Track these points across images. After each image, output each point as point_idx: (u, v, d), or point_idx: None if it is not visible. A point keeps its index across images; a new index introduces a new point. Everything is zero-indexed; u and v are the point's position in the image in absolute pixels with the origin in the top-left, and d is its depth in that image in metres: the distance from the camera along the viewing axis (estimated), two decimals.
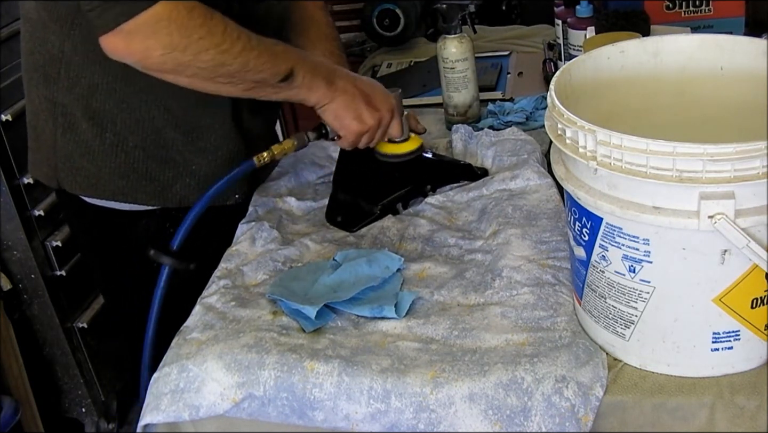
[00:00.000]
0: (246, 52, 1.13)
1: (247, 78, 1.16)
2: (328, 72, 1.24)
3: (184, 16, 1.08)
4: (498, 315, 1.04)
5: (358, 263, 1.15)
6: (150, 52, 1.09)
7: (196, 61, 1.11)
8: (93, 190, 1.31)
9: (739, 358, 0.91)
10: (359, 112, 1.25)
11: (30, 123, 1.35)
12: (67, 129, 1.27)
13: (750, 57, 0.99)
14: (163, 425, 1.02)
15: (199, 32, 1.09)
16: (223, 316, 1.10)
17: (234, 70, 1.14)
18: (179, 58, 1.10)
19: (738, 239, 0.81)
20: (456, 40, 1.51)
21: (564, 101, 0.89)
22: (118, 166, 1.28)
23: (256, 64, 1.15)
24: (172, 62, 1.11)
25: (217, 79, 1.15)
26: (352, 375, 0.97)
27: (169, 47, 1.08)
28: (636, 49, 1.04)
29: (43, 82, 1.26)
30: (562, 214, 1.19)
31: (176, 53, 1.09)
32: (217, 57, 1.11)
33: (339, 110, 1.24)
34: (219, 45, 1.11)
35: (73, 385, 2.14)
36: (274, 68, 1.17)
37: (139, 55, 1.10)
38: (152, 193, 1.31)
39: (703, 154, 0.78)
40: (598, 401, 0.92)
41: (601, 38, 1.37)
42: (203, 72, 1.13)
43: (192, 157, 1.30)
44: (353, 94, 1.25)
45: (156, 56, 1.09)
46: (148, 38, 1.08)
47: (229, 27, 1.12)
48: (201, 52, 1.10)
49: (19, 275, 2.00)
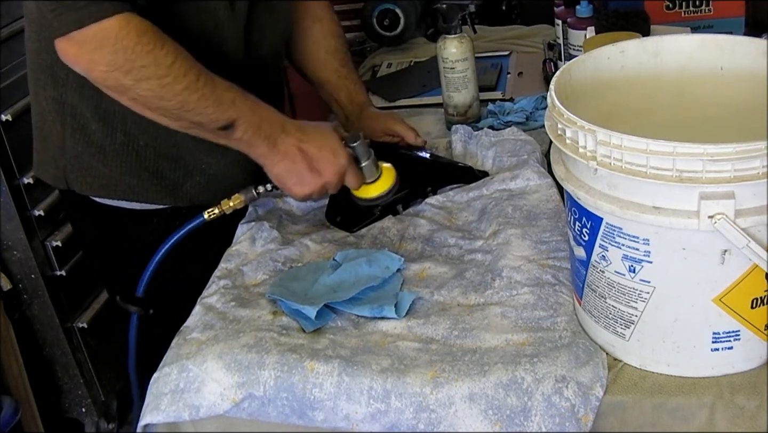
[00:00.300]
0: (188, 92, 1.11)
1: (186, 117, 1.14)
2: (272, 131, 1.19)
3: (133, 38, 1.07)
4: (498, 315, 1.04)
5: (358, 263, 1.15)
6: (94, 65, 1.09)
7: (136, 87, 1.10)
8: (103, 191, 1.31)
9: (739, 358, 0.91)
10: (300, 178, 1.20)
11: (36, 124, 1.35)
12: (77, 129, 1.27)
13: (750, 57, 0.99)
14: (163, 425, 1.02)
15: (144, 60, 1.08)
16: (223, 316, 1.10)
17: (172, 106, 1.13)
18: (120, 80, 1.10)
19: (738, 239, 0.81)
20: (456, 40, 1.51)
21: (564, 101, 0.89)
22: (129, 165, 1.28)
23: (196, 107, 1.13)
24: (113, 81, 1.11)
25: (157, 111, 1.14)
26: (352, 375, 0.97)
27: (112, 66, 1.08)
28: (636, 49, 1.04)
29: (51, 83, 1.26)
30: (562, 214, 1.19)
31: (117, 74, 1.09)
32: (157, 89, 1.10)
33: (280, 174, 1.21)
34: (161, 78, 1.10)
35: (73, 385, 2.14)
36: (215, 114, 1.14)
37: (84, 65, 1.10)
38: (163, 192, 1.30)
39: (703, 154, 0.78)
40: (598, 401, 0.92)
41: (601, 38, 1.37)
42: (143, 99, 1.12)
43: (202, 156, 1.29)
44: (294, 159, 1.20)
45: (99, 71, 1.10)
46: (93, 51, 1.08)
47: (178, 62, 1.10)
48: (142, 79, 1.09)
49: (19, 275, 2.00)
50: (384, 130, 1.42)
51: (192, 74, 1.11)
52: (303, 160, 1.20)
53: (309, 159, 1.20)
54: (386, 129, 1.42)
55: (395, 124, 1.42)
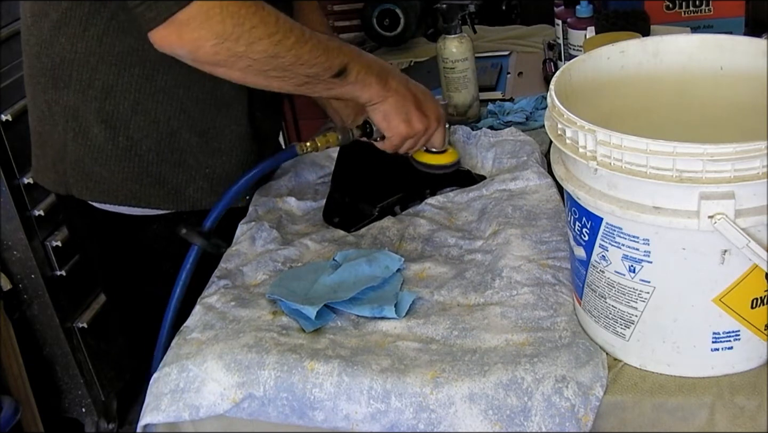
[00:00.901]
0: (299, 45, 1.11)
1: (300, 72, 1.13)
2: (381, 70, 1.21)
3: (236, 3, 1.05)
4: (498, 315, 1.04)
5: (358, 263, 1.15)
6: (202, 42, 1.06)
7: (249, 51, 1.08)
8: (105, 196, 1.29)
9: (739, 358, 0.91)
10: (409, 116, 1.23)
11: (35, 129, 1.33)
12: (78, 134, 1.25)
13: (750, 57, 0.99)
14: (163, 425, 1.02)
15: (252, 21, 1.06)
16: (223, 316, 1.10)
17: (287, 62, 1.11)
18: (232, 48, 1.07)
19: (738, 239, 0.81)
20: (456, 40, 1.51)
21: (564, 101, 0.89)
22: (131, 170, 1.26)
23: (310, 58, 1.12)
24: (224, 53, 1.07)
25: (270, 73, 1.12)
26: (352, 375, 0.97)
27: (222, 36, 1.05)
28: (636, 49, 1.04)
29: (52, 86, 1.24)
30: (562, 214, 1.19)
31: (229, 43, 1.06)
32: (271, 48, 1.09)
33: (389, 111, 1.23)
34: (272, 35, 1.08)
35: (73, 385, 2.14)
36: (328, 62, 1.14)
37: (191, 45, 1.07)
38: (165, 197, 1.29)
39: (703, 154, 0.78)
40: (598, 401, 0.92)
41: (601, 38, 1.37)
42: (256, 64, 1.10)
43: (206, 159, 1.28)
44: (405, 96, 1.23)
45: (208, 47, 1.06)
46: (200, 27, 1.05)
47: (281, 18, 1.10)
48: (254, 42, 1.07)
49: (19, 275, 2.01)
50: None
51: (297, 28, 1.11)
52: (412, 99, 1.23)
53: (416, 99, 1.24)
54: None
55: None
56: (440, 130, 1.28)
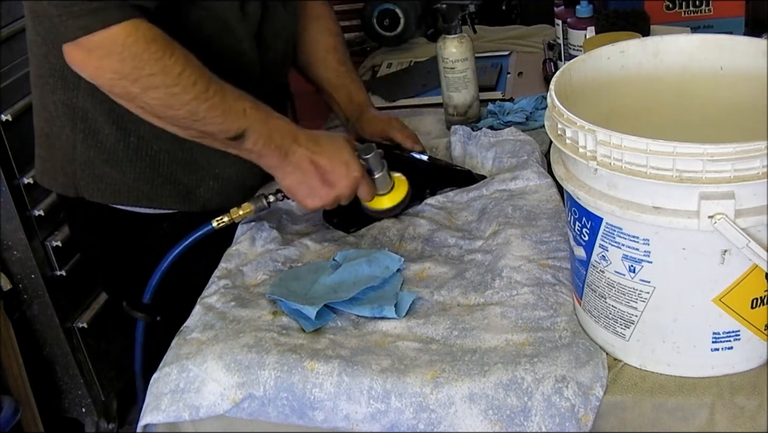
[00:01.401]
0: (197, 102, 1.10)
1: (195, 126, 1.13)
2: (284, 142, 1.18)
3: (141, 46, 1.05)
4: (498, 315, 1.04)
5: (358, 263, 1.15)
6: (101, 73, 1.08)
7: (144, 95, 1.09)
8: (115, 197, 1.29)
9: (739, 358, 0.91)
10: (312, 190, 1.19)
11: (41, 130, 1.32)
12: (89, 135, 1.25)
13: (750, 57, 0.99)
14: (163, 425, 1.02)
15: (152, 68, 1.06)
16: (223, 316, 1.10)
17: (181, 116, 1.11)
18: (127, 88, 1.08)
19: (738, 239, 0.81)
20: (456, 40, 1.51)
21: (564, 101, 0.89)
22: (142, 170, 1.26)
23: (206, 116, 1.11)
24: (120, 89, 1.09)
25: (166, 120, 1.13)
26: (352, 375, 0.97)
27: (119, 74, 1.07)
28: (636, 49, 1.04)
29: (62, 86, 1.23)
30: (562, 214, 1.19)
31: (125, 82, 1.08)
32: (166, 99, 1.09)
33: (291, 186, 1.20)
34: (170, 87, 1.08)
35: (73, 385, 2.14)
36: (225, 125, 1.13)
37: (91, 72, 1.09)
38: (176, 197, 1.29)
39: (703, 154, 0.78)
40: (598, 401, 0.92)
41: (601, 38, 1.37)
42: (151, 108, 1.11)
43: (216, 159, 1.28)
44: (306, 171, 1.18)
45: (106, 78, 1.08)
46: (101, 59, 1.06)
47: (187, 71, 1.09)
48: (150, 88, 1.08)
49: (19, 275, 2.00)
50: (382, 135, 1.40)
51: (201, 84, 1.10)
52: (315, 173, 1.19)
53: (321, 171, 1.19)
54: (384, 135, 1.40)
55: (394, 131, 1.40)
56: (362, 187, 1.22)
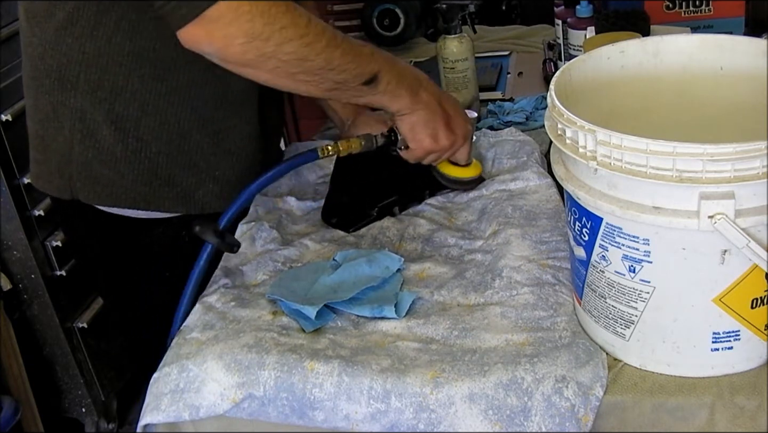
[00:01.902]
0: (330, 49, 1.08)
1: (329, 77, 1.11)
2: (413, 81, 1.19)
3: (267, 3, 1.03)
4: (498, 315, 1.04)
5: (358, 263, 1.15)
6: (231, 41, 1.04)
7: (278, 52, 1.05)
8: (113, 199, 1.26)
9: (739, 358, 0.91)
10: (436, 131, 1.22)
11: (36, 133, 1.30)
12: (86, 136, 1.23)
13: (750, 57, 0.99)
14: (163, 425, 1.02)
15: (282, 21, 1.04)
16: (223, 316, 1.10)
17: (317, 66, 1.09)
18: (261, 48, 1.05)
19: (738, 239, 0.81)
20: (456, 40, 1.52)
21: (564, 101, 0.89)
22: (140, 172, 1.24)
23: (340, 63, 1.10)
24: (253, 52, 1.05)
25: (299, 76, 1.10)
26: (352, 375, 0.97)
27: (251, 35, 1.03)
28: (636, 49, 1.04)
29: (58, 87, 1.22)
30: (562, 214, 1.19)
31: (258, 42, 1.04)
32: (301, 50, 1.06)
33: (416, 124, 1.21)
34: (303, 37, 1.06)
35: (73, 385, 2.14)
36: (359, 69, 1.12)
37: (220, 43, 1.04)
38: (174, 199, 1.28)
39: (703, 154, 0.78)
40: (598, 401, 0.92)
41: (601, 38, 1.37)
42: (285, 65, 1.08)
43: (216, 160, 1.27)
44: (434, 111, 1.21)
45: (237, 45, 1.04)
46: (229, 25, 1.02)
47: (313, 20, 1.07)
48: (284, 42, 1.05)
49: (19, 275, 2.01)
50: None
51: (329, 30, 1.09)
52: (442, 115, 1.22)
53: (446, 115, 1.22)
54: None
55: None
56: (465, 146, 1.27)
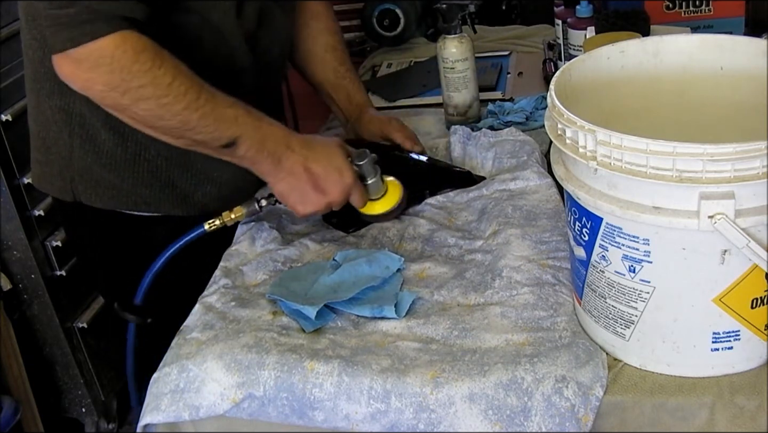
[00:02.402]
0: (188, 111, 1.09)
1: (188, 135, 1.13)
2: (278, 147, 1.17)
3: (130, 58, 1.05)
4: (498, 315, 1.04)
5: (358, 263, 1.15)
6: (91, 84, 1.08)
7: (134, 107, 1.09)
8: (114, 202, 1.28)
9: (739, 358, 0.91)
10: (304, 196, 1.19)
11: (37, 135, 1.31)
12: (86, 140, 1.24)
13: (750, 57, 0.99)
14: (163, 425, 1.02)
15: (142, 80, 1.06)
16: (223, 316, 1.10)
17: (172, 125, 1.11)
18: (118, 99, 1.08)
19: (738, 239, 0.81)
20: (456, 40, 1.51)
21: (564, 101, 0.89)
22: (140, 175, 1.26)
23: (197, 126, 1.11)
24: (110, 100, 1.09)
25: (156, 129, 1.13)
26: (352, 375, 0.97)
27: (109, 85, 1.07)
28: (636, 49, 1.04)
29: (58, 91, 1.23)
30: (562, 214, 1.19)
31: (115, 93, 1.07)
32: (156, 109, 1.09)
33: (283, 191, 1.20)
34: (160, 97, 1.08)
35: (73, 385, 2.14)
36: (217, 133, 1.13)
37: (81, 83, 1.08)
38: (174, 201, 1.29)
39: (703, 154, 0.78)
40: (598, 401, 0.92)
41: (601, 38, 1.37)
42: (142, 119, 1.11)
43: (213, 163, 1.26)
44: (299, 177, 1.18)
45: (96, 90, 1.08)
46: (90, 70, 1.06)
47: (177, 80, 1.08)
48: (140, 99, 1.08)
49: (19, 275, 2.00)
50: (381, 135, 1.40)
51: (192, 93, 1.09)
52: (308, 179, 1.19)
53: (314, 178, 1.19)
54: (384, 135, 1.40)
55: (393, 132, 1.40)
56: (355, 194, 1.22)
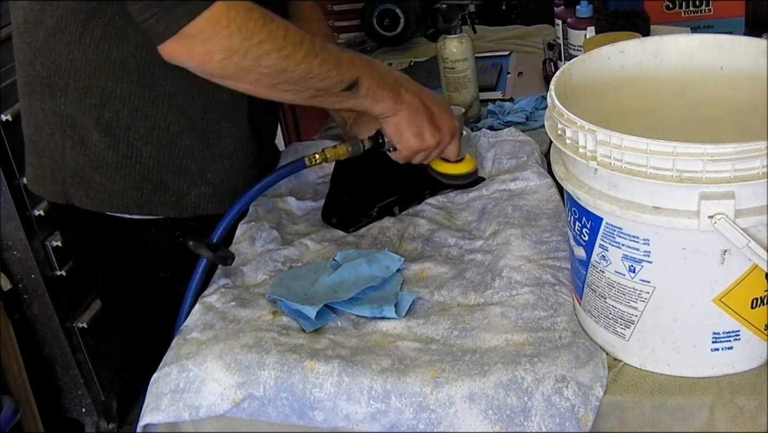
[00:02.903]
0: (309, 59, 1.09)
1: (311, 85, 1.12)
2: (394, 83, 1.20)
3: (244, 17, 1.04)
4: (498, 315, 1.04)
5: (358, 263, 1.15)
6: (210, 56, 1.05)
7: (258, 65, 1.07)
8: (106, 205, 1.27)
9: (739, 358, 0.91)
10: (421, 129, 1.22)
11: (30, 138, 1.31)
12: (77, 142, 1.23)
13: (750, 57, 0.99)
14: (163, 425, 1.02)
15: (260, 35, 1.05)
16: (223, 316, 1.10)
17: (297, 76, 1.10)
18: (240, 63, 1.06)
19: (738, 239, 0.81)
20: (456, 40, 1.51)
21: (564, 101, 0.89)
22: (132, 178, 1.25)
23: (320, 72, 1.11)
24: (232, 67, 1.07)
25: (280, 86, 1.12)
26: (352, 375, 0.97)
27: (230, 51, 1.05)
28: (636, 49, 1.04)
29: (49, 94, 1.22)
30: (562, 214, 1.19)
31: (237, 57, 1.06)
32: (279, 62, 1.08)
33: (401, 124, 1.21)
34: (281, 49, 1.07)
35: (73, 385, 2.14)
36: (339, 76, 1.13)
37: (199, 59, 1.06)
38: (167, 203, 1.28)
39: (703, 154, 0.78)
40: (598, 401, 0.92)
41: (601, 38, 1.37)
42: (265, 78, 1.09)
43: (207, 164, 1.27)
44: (417, 110, 1.21)
45: (216, 60, 1.06)
46: (207, 41, 1.04)
47: (290, 31, 1.08)
48: (262, 56, 1.06)
49: (19, 275, 2.00)
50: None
51: (306, 41, 1.10)
52: (426, 112, 1.22)
53: (430, 112, 1.23)
54: None
55: None
56: (454, 143, 1.26)
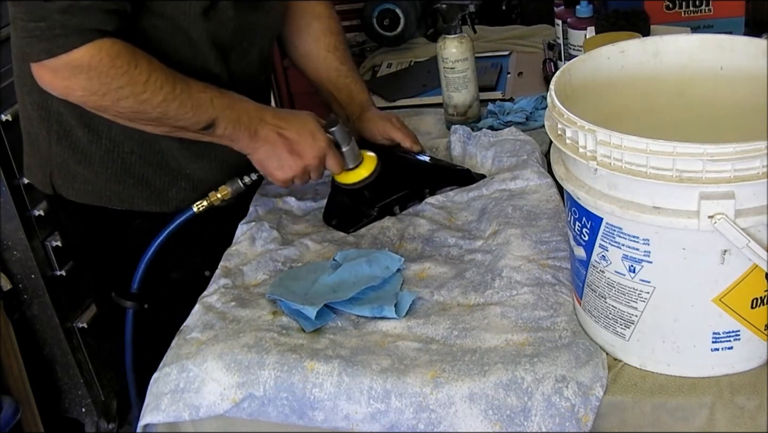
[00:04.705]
0: (166, 103, 1.15)
1: (168, 123, 1.18)
2: (252, 121, 1.23)
3: (106, 63, 1.09)
4: (498, 315, 1.04)
5: (358, 263, 1.15)
6: (71, 91, 1.12)
7: (115, 106, 1.14)
8: (89, 197, 1.32)
9: (739, 358, 0.91)
10: (281, 162, 1.25)
11: (24, 129, 1.36)
12: (62, 136, 1.28)
13: (750, 57, 0.99)
14: (163, 425, 1.02)
15: (119, 81, 1.11)
16: (223, 316, 1.10)
17: (153, 117, 1.16)
18: (98, 102, 1.13)
19: (738, 239, 0.81)
20: (456, 40, 1.51)
21: (564, 101, 0.89)
22: (114, 172, 1.29)
23: (176, 114, 1.16)
24: (91, 103, 1.14)
25: (138, 122, 1.18)
26: (352, 375, 0.97)
27: (89, 90, 1.11)
28: (636, 49, 1.04)
29: (37, 89, 1.23)
30: (562, 214, 1.19)
31: (95, 97, 1.12)
32: (136, 105, 1.14)
33: (262, 160, 1.25)
34: (138, 95, 1.13)
35: (73, 385, 2.14)
36: (195, 118, 1.18)
37: (61, 90, 1.13)
38: (149, 198, 1.32)
39: (703, 154, 0.78)
40: (598, 401, 0.92)
41: (601, 38, 1.37)
42: (122, 116, 1.16)
43: (186, 162, 1.31)
44: (275, 144, 1.24)
45: (76, 95, 1.13)
46: (68, 78, 1.10)
47: (153, 76, 1.13)
48: (120, 99, 1.13)
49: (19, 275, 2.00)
50: (382, 134, 1.41)
51: (168, 85, 1.14)
52: (283, 145, 1.24)
53: (289, 143, 1.25)
54: (384, 134, 1.41)
55: (393, 130, 1.41)
56: (330, 159, 1.27)
